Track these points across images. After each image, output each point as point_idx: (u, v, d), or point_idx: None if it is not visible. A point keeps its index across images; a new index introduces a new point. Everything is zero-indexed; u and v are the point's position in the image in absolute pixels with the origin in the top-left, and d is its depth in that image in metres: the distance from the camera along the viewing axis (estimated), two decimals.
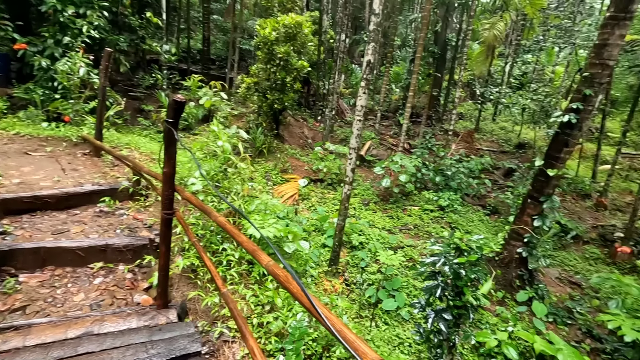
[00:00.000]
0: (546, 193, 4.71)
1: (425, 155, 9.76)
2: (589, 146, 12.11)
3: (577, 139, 4.42)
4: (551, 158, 4.62)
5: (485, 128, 13.83)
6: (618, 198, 9.52)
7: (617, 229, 7.71)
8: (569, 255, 7.11)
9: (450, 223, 7.60)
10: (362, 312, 4.44)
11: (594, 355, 4.27)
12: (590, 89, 4.18)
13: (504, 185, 9.63)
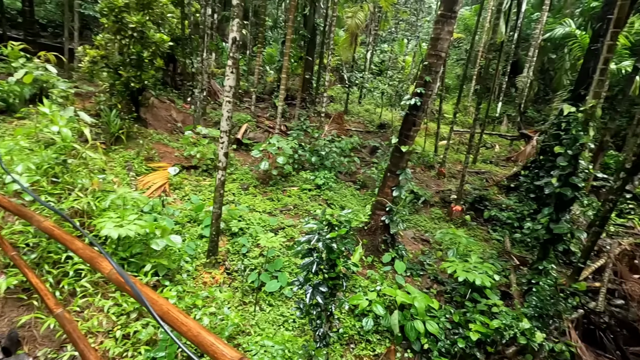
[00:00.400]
0: (401, 167, 5.42)
1: (301, 136, 10.08)
2: (431, 125, 14.53)
3: (422, 119, 5.20)
4: (403, 136, 5.32)
5: (353, 110, 15.12)
6: (452, 167, 11.77)
7: (452, 192, 9.54)
8: (420, 217, 8.47)
9: (327, 200, 8.12)
10: (246, 299, 4.38)
11: (440, 296, 5.24)
12: (429, 76, 4.92)
13: (370, 162, 10.76)
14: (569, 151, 5.02)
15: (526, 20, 17.41)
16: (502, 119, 16.30)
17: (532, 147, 12.16)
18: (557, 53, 15.48)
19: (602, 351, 5.72)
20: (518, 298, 5.60)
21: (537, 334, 4.20)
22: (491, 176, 11.27)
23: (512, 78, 16.96)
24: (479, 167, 12.10)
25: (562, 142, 5.30)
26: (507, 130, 15.57)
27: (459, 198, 8.80)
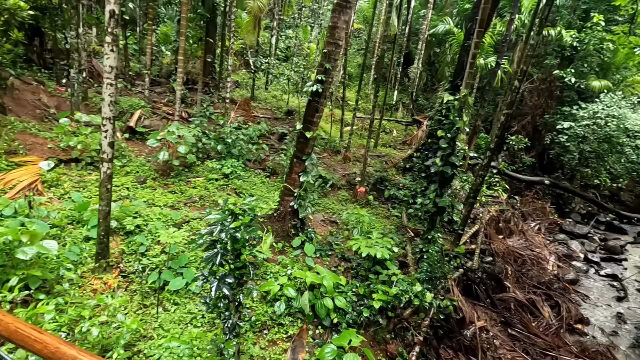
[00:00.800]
0: (307, 152, 5.54)
1: (205, 123, 9.52)
2: (337, 112, 15.15)
3: (324, 105, 5.36)
4: (307, 122, 5.42)
5: (260, 96, 14.83)
6: (357, 151, 12.52)
7: (356, 175, 10.18)
8: (329, 200, 8.85)
9: (235, 189, 7.88)
10: (147, 301, 4.02)
11: (347, 272, 5.60)
12: (328, 63, 5.08)
13: (279, 148, 10.76)
14: (448, 134, 5.77)
15: (415, 16, 19.19)
16: (398, 106, 17.86)
17: (423, 132, 13.67)
18: (440, 47, 17.47)
19: (477, 301, 6.86)
20: (413, 265, 6.32)
21: (427, 294, 4.81)
22: (390, 159, 12.34)
23: (405, 69, 18.63)
24: (380, 150, 13.12)
25: (443, 126, 6.05)
26: (402, 116, 17.14)
27: (363, 180, 9.44)
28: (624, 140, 12.33)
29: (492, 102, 15.34)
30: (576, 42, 13.25)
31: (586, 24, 13.42)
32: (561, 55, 14.07)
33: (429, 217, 6.53)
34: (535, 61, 14.45)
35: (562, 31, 13.25)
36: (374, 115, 9.04)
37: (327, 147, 11.99)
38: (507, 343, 6.14)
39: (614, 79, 13.95)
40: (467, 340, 5.63)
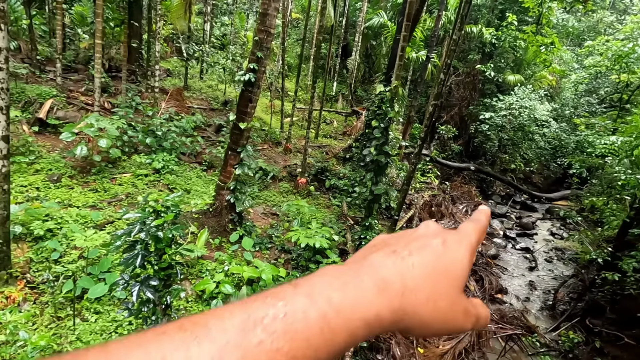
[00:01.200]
0: (241, 144, 5.36)
1: (131, 115, 8.75)
2: (277, 103, 14.93)
3: (258, 95, 5.21)
4: (241, 113, 5.23)
5: (194, 86, 14.04)
6: (298, 142, 12.49)
7: (297, 166, 10.16)
8: (270, 192, 8.73)
9: (168, 185, 7.41)
10: (61, 313, 3.61)
11: (287, 264, 5.58)
12: (260, 51, 4.93)
13: (217, 140, 10.32)
14: (382, 124, 5.98)
15: (352, 8, 19.50)
16: (337, 98, 18.14)
17: (361, 122, 14.04)
18: (376, 40, 18.00)
19: None
20: (352, 252, 6.51)
21: None
22: (331, 149, 12.51)
23: (343, 60, 18.91)
24: (321, 141, 13.24)
25: (377, 117, 6.25)
26: (342, 107, 17.45)
27: (304, 171, 9.44)
28: (534, 128, 13.89)
29: (424, 94, 16.26)
30: (494, 39, 14.52)
31: (502, 23, 14.76)
32: (482, 51, 15.34)
33: (366, 205, 6.75)
34: (461, 56, 15.57)
35: (483, 29, 14.42)
36: (312, 106, 9.06)
37: (267, 139, 11.79)
38: None
39: (525, 74, 15.58)
40: None
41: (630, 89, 11.11)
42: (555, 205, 13.77)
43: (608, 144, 8.32)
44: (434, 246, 0.35)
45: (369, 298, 0.30)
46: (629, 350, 5.63)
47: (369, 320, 0.29)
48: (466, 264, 0.36)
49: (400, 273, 0.32)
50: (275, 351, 0.25)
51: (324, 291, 0.29)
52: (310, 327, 0.27)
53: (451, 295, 0.34)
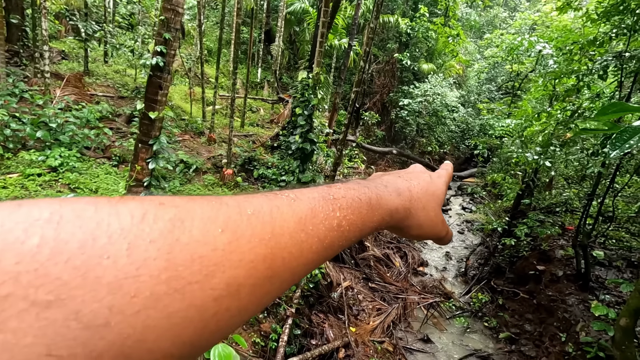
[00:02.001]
0: (154, 135, 4.88)
1: (14, 104, 7.41)
2: (197, 90, 14.00)
3: (169, 81, 4.76)
4: (150, 101, 4.73)
5: (98, 71, 12.42)
6: (222, 132, 11.91)
7: (223, 156, 9.69)
8: (193, 186, 8.20)
9: (69, 184, 6.48)
10: None
11: None
12: (168, 33, 4.47)
13: (128, 132, 9.32)
14: (305, 112, 5.94)
15: None
16: (263, 85, 17.68)
17: (288, 110, 13.91)
18: (299, 26, 17.84)
19: (343, 264, 7.55)
20: None
21: None
22: (258, 138, 12.19)
23: (267, 46, 18.42)
24: (247, 130, 12.82)
25: (301, 104, 6.20)
26: (268, 94, 17.08)
27: (230, 162, 9.05)
28: (446, 113, 15.21)
29: (348, 81, 16.68)
30: (409, 29, 15.40)
31: (416, 14, 15.71)
32: (399, 41, 16.19)
33: None
34: (380, 45, 16.24)
35: (399, 19, 15.18)
36: (235, 93, 8.64)
37: (188, 129, 11.03)
38: (368, 295, 7.00)
39: (437, 63, 16.89)
40: (335, 301, 6.16)
41: (520, 77, 12.75)
42: (465, 182, 15.39)
43: (504, 127, 9.45)
44: (425, 176, 0.50)
45: (392, 197, 0.42)
46: (523, 303, 6.58)
47: (391, 212, 0.41)
48: (444, 191, 0.51)
49: (408, 187, 0.45)
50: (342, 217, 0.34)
51: (365, 186, 0.40)
52: (362, 206, 0.37)
53: (436, 209, 0.48)
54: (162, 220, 0.23)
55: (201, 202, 0.26)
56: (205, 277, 0.23)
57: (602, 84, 6.86)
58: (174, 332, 0.21)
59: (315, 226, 0.32)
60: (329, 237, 0.32)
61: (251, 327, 4.66)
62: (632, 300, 3.73)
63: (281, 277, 0.28)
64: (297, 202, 0.32)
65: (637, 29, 5.15)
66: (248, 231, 0.26)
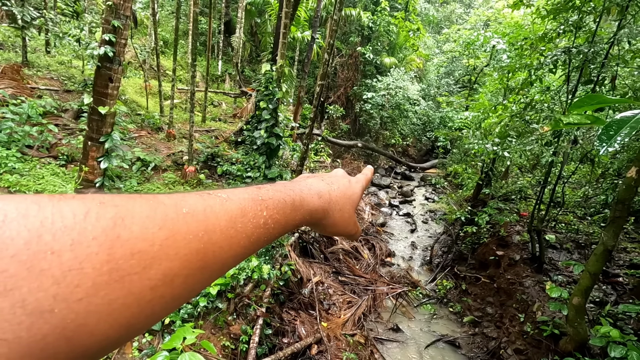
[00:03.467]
0: (105, 132, 4.50)
1: None
2: (154, 83, 13.24)
3: (120, 73, 4.39)
4: (100, 95, 4.36)
5: (39, 62, 11.33)
6: (182, 128, 11.37)
7: (184, 153, 9.25)
8: (152, 185, 7.75)
9: (9, 187, 5.86)
10: None
11: None
12: (117, 20, 4.11)
13: (77, 129, 8.61)
14: (270, 105, 5.77)
15: None
16: (224, 78, 17.09)
17: (251, 104, 13.55)
18: (261, 18, 17.38)
19: (313, 259, 7.51)
20: None
21: (263, 267, 4.86)
22: (221, 133, 11.77)
23: (227, 37, 17.79)
24: (209, 125, 12.34)
25: (265, 97, 6.01)
26: (230, 88, 16.53)
27: (191, 158, 8.66)
28: (408, 106, 15.56)
29: (312, 75, 16.54)
30: (371, 23, 15.51)
31: (377, 8, 15.83)
32: (362, 34, 16.27)
33: None
34: (343, 38, 16.23)
35: (361, 12, 15.23)
36: (194, 86, 8.24)
37: (144, 124, 10.40)
38: (339, 289, 7.02)
39: (398, 57, 17.19)
40: (306, 297, 6.11)
41: (476, 71, 13.29)
42: (428, 173, 15.90)
43: (463, 119, 9.81)
44: (345, 181, 0.57)
45: (314, 199, 0.47)
46: (484, 288, 6.91)
47: (312, 212, 0.46)
48: (359, 195, 0.58)
49: (328, 191, 0.51)
50: (268, 217, 0.38)
51: (292, 189, 0.44)
52: (286, 207, 0.41)
53: (351, 211, 0.55)
54: (104, 219, 0.25)
55: (140, 201, 0.28)
56: (144, 269, 0.25)
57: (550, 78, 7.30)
58: (113, 317, 0.24)
59: (244, 224, 0.35)
60: (255, 234, 0.36)
61: (220, 330, 4.49)
62: (583, 280, 4.01)
63: (212, 269, 0.32)
64: (228, 202, 0.34)
65: (581, 26, 5.50)
66: (183, 228, 0.29)
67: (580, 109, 0.95)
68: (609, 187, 6.56)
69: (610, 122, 0.77)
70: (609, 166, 7.09)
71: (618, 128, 0.74)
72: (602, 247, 3.78)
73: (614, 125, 0.75)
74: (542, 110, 5.82)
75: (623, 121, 0.75)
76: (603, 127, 0.77)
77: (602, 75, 5.14)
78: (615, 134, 0.73)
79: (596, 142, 0.73)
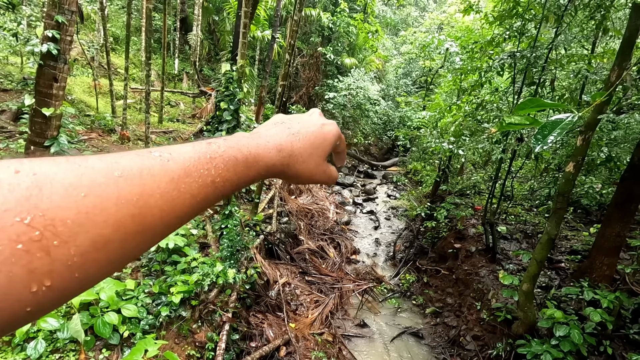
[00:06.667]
0: (50, 135, 4.18)
1: None
2: (104, 82, 12.46)
3: (65, 72, 4.09)
4: (43, 95, 4.03)
5: None
6: (138, 129, 10.81)
7: None
8: None
9: None
10: None
11: (136, 272, 4.81)
12: (61, 15, 3.82)
13: (16, 132, 7.90)
14: (231, 106, 5.65)
15: None
16: (182, 77, 16.48)
17: (211, 104, 13.19)
18: (219, 15, 16.95)
19: (279, 260, 7.46)
20: (214, 244, 6.13)
21: (229, 271, 4.76)
22: (179, 134, 11.34)
23: (184, 35, 17.17)
24: (167, 126, 11.85)
25: (225, 98, 5.87)
26: (188, 87, 15.97)
27: None
28: (369, 106, 15.91)
29: (273, 74, 16.41)
30: (331, 24, 15.67)
31: (336, 9, 16.03)
32: (322, 35, 16.38)
33: None
34: (303, 38, 16.26)
35: (321, 13, 15.34)
36: (149, 85, 7.87)
37: (95, 126, 9.77)
38: (306, 289, 7.04)
39: (358, 58, 17.53)
40: (273, 299, 6.06)
41: (432, 73, 13.89)
42: (389, 171, 16.37)
43: (421, 118, 10.22)
44: (315, 128, 0.53)
45: (271, 154, 0.45)
46: (444, 279, 7.25)
47: (268, 167, 0.45)
48: (332, 143, 0.55)
49: (290, 142, 0.49)
50: (217, 175, 0.37)
51: (245, 145, 0.42)
52: (238, 164, 0.40)
53: (318, 161, 0.52)
54: (18, 189, 0.24)
55: (65, 166, 0.27)
56: (70, 237, 0.25)
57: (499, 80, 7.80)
58: (40, 283, 0.24)
59: (189, 185, 0.34)
60: (202, 193, 0.35)
61: (184, 339, 4.34)
62: (531, 267, 4.34)
63: (153, 231, 0.31)
64: (171, 162, 0.33)
65: (524, 31, 5.94)
66: (114, 194, 0.28)
67: (523, 111, 1.03)
68: (551, 180, 7.14)
69: (544, 123, 0.85)
70: (551, 161, 7.72)
71: (551, 129, 0.82)
72: (546, 236, 4.12)
73: (548, 126, 0.83)
74: (492, 110, 6.21)
75: (556, 123, 0.83)
76: (539, 128, 0.85)
77: (544, 78, 5.58)
78: (548, 134, 0.81)
79: (532, 141, 0.80)
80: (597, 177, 7.42)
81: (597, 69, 5.94)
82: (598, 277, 4.62)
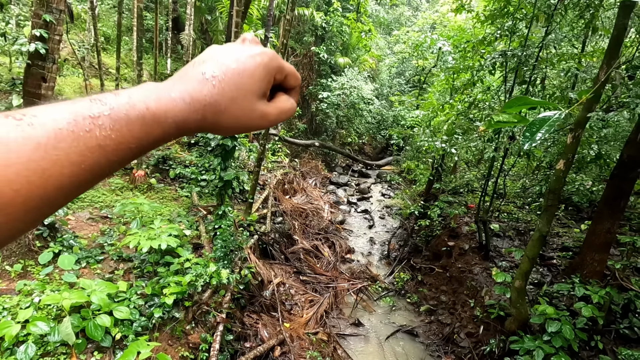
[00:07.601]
0: None
1: None
2: (95, 82, 12.32)
3: (54, 72, 4.03)
4: (32, 96, 3.97)
5: None
6: None
7: None
8: (97, 192, 7.22)
9: None
10: None
11: (128, 274, 4.76)
12: (50, 14, 3.77)
13: None
14: None
15: None
16: None
17: None
18: (211, 15, 16.84)
19: (273, 260, 7.44)
20: (208, 245, 6.09)
21: (222, 272, 4.73)
22: None
23: (176, 35, 17.04)
24: None
25: None
26: None
27: (140, 162, 8.19)
28: (362, 106, 15.93)
29: None
30: (324, 23, 15.65)
31: (330, 9, 16.01)
32: (315, 34, 16.36)
33: (217, 192, 6.36)
34: (297, 37, 16.22)
35: (314, 12, 15.31)
36: None
37: None
38: (300, 289, 7.02)
39: (352, 57, 17.53)
40: (267, 299, 6.04)
41: (425, 72, 13.94)
42: (383, 170, 16.40)
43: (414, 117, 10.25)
44: (237, 65, 0.42)
45: (178, 108, 0.38)
46: (438, 277, 7.29)
47: (178, 123, 0.38)
48: (262, 78, 0.43)
49: (201, 89, 0.40)
50: (104, 137, 0.32)
51: (142, 99, 0.36)
52: (132, 123, 0.34)
53: (247, 106, 0.42)
54: None
55: None
56: None
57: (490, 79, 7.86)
58: None
59: (63, 150, 0.30)
60: (89, 159, 0.32)
61: (178, 341, 4.30)
62: (523, 264, 4.38)
63: (27, 206, 0.29)
64: (33, 127, 0.29)
65: (515, 31, 5.99)
66: None
67: (512, 109, 1.04)
68: (542, 178, 7.21)
69: (532, 121, 0.86)
70: (543, 159, 7.80)
71: (539, 126, 0.82)
72: (538, 234, 4.16)
73: (536, 124, 0.83)
74: (484, 108, 6.26)
75: (543, 120, 0.83)
76: (527, 125, 0.85)
77: (534, 77, 5.64)
78: (536, 131, 0.81)
79: (521, 138, 0.80)
80: (587, 175, 7.51)
81: (587, 68, 6.01)
82: (589, 273, 4.67)
